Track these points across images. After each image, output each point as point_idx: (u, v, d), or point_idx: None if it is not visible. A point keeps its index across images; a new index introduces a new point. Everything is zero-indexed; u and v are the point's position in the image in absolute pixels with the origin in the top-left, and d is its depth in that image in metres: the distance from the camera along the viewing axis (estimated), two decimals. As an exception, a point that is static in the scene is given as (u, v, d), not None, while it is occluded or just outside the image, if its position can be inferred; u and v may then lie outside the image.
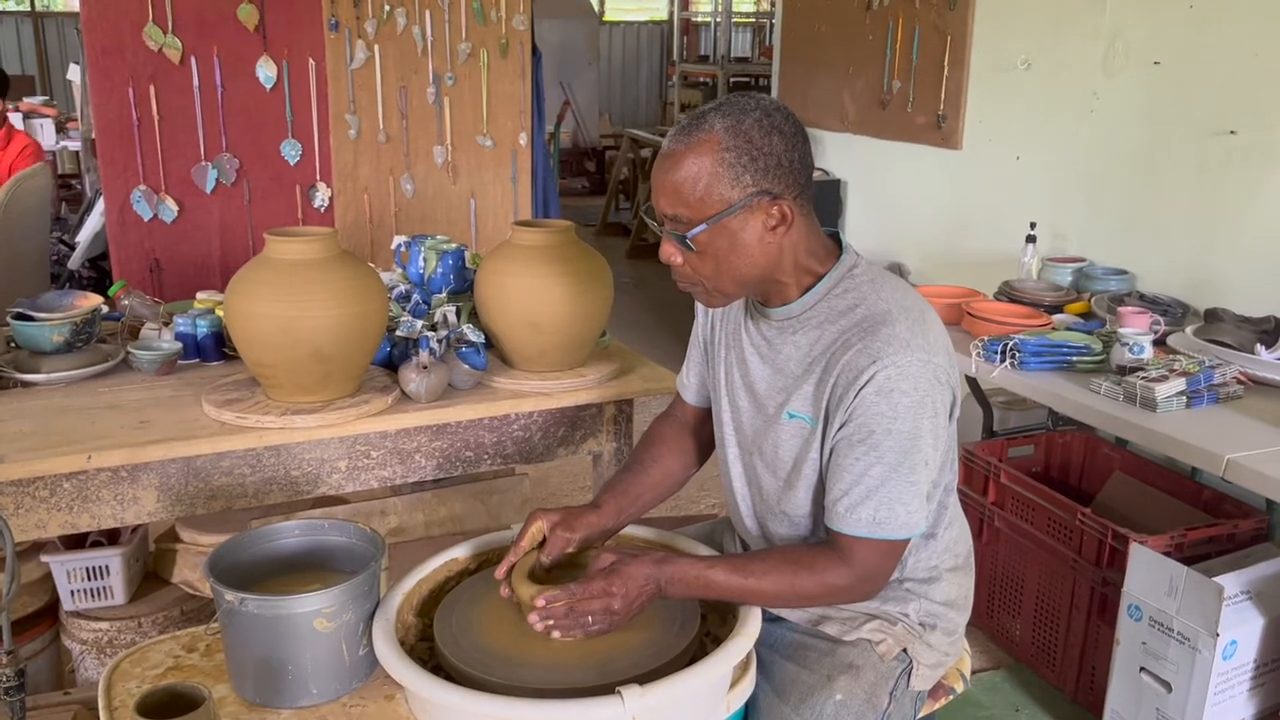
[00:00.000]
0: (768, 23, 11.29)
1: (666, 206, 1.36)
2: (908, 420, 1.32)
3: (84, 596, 2.18)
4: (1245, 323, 2.52)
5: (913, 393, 1.32)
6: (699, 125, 1.33)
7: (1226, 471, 1.94)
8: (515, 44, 3.52)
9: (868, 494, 1.34)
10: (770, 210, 1.35)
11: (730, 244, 1.35)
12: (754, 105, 1.34)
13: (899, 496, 1.34)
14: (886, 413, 1.32)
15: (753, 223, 1.35)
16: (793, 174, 1.35)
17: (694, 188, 1.33)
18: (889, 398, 1.32)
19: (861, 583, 1.38)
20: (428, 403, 1.95)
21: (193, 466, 1.82)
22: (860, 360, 1.33)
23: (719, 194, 1.32)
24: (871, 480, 1.34)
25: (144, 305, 2.28)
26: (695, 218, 1.34)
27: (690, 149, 1.32)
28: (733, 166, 1.32)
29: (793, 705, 1.40)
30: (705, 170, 1.32)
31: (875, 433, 1.33)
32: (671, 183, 1.34)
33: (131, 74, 3.07)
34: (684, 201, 1.34)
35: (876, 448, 1.33)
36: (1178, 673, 2.03)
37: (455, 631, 1.32)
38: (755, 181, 1.33)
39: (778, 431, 1.45)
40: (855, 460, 1.35)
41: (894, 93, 4.10)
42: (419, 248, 2.31)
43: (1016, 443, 2.82)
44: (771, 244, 1.37)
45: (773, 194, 1.34)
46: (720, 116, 1.33)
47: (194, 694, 1.10)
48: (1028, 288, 2.93)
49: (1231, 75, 2.75)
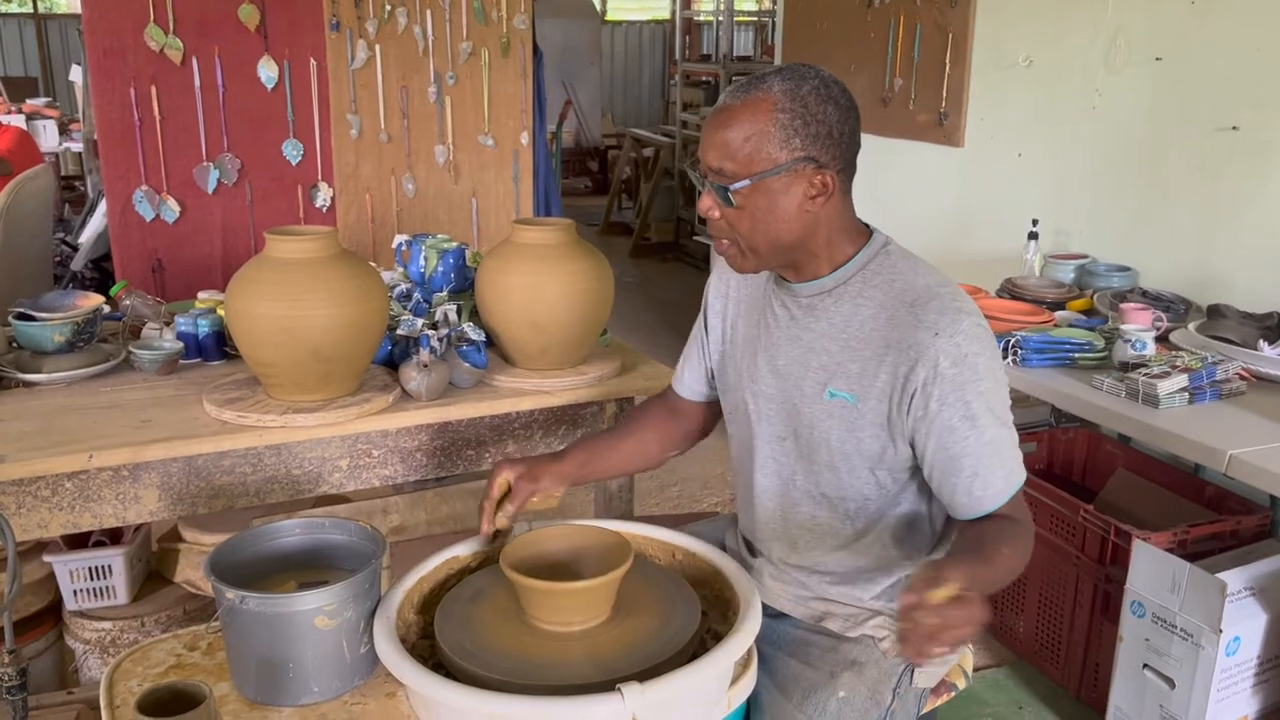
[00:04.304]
0: (770, 21, 11.27)
1: (713, 159, 1.36)
2: (989, 377, 1.35)
3: (87, 596, 2.18)
4: (1248, 319, 2.51)
5: (982, 351, 1.35)
6: (758, 85, 1.34)
7: (1229, 468, 1.93)
8: (516, 43, 3.52)
9: (990, 464, 1.35)
10: (814, 178, 1.35)
11: (770, 204, 1.35)
12: (813, 74, 1.35)
13: (1009, 448, 1.37)
14: (970, 379, 1.33)
15: (795, 188, 1.35)
16: (840, 146, 1.35)
17: (743, 143, 1.33)
18: (967, 363, 1.33)
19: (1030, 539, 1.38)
20: (429, 401, 1.95)
21: (194, 466, 1.82)
22: (923, 339, 1.34)
23: (766, 153, 1.33)
24: (988, 449, 1.35)
25: (145, 305, 2.29)
26: (740, 173, 1.34)
27: (746, 106, 1.33)
28: (785, 128, 1.32)
29: (796, 702, 1.40)
30: (757, 128, 1.32)
31: (970, 403, 1.33)
32: (722, 137, 1.34)
33: (133, 75, 3.07)
34: (731, 156, 1.34)
35: (977, 418, 1.34)
36: (1181, 669, 2.03)
37: (456, 629, 1.31)
38: (804, 146, 1.33)
39: (816, 412, 1.43)
40: (964, 440, 1.34)
41: (896, 90, 4.09)
42: (420, 247, 2.31)
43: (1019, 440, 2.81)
44: (809, 213, 1.37)
45: (819, 162, 1.34)
46: (780, 80, 1.33)
47: (195, 692, 1.10)
48: (1030, 284, 2.93)
49: (1234, 70, 2.75)
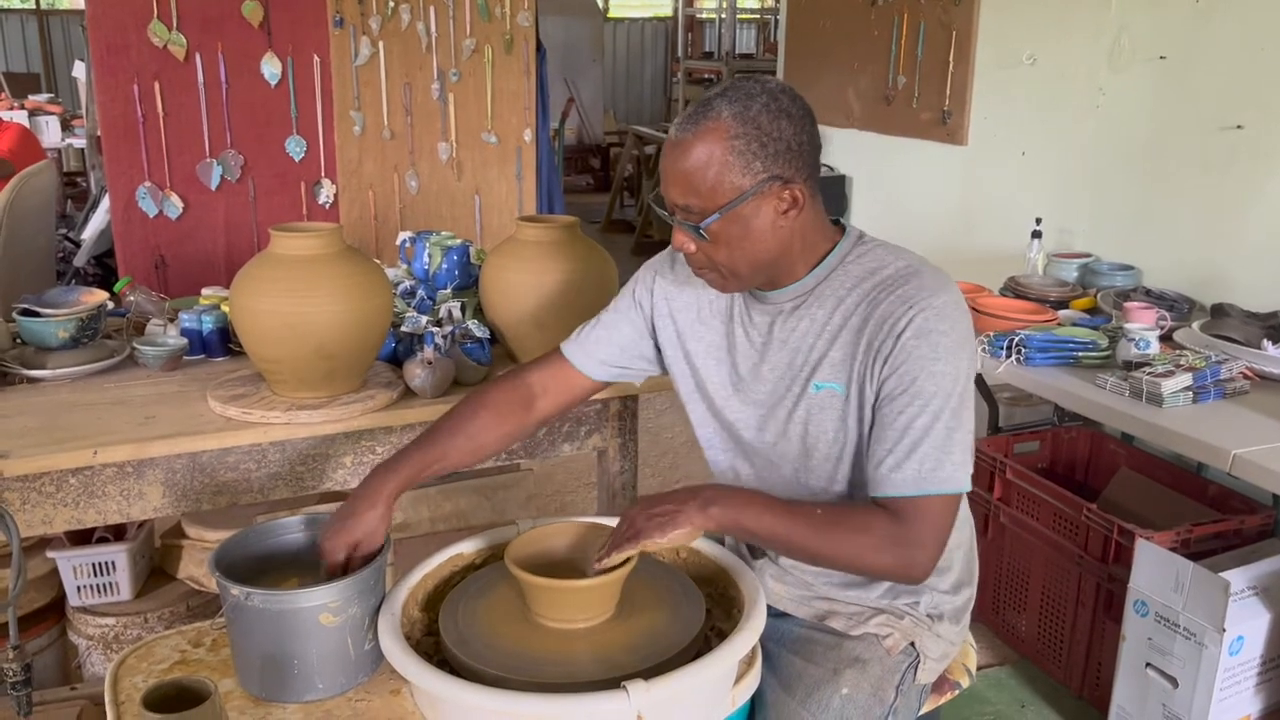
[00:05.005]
0: (772, 19, 11.25)
1: (677, 196, 1.34)
2: (950, 361, 1.29)
3: (90, 592, 2.18)
4: (1252, 318, 2.51)
5: (952, 333, 1.30)
6: (706, 113, 1.30)
7: (1233, 467, 1.93)
8: (520, 40, 3.52)
9: (913, 447, 1.29)
10: (782, 195, 1.33)
11: (744, 231, 1.33)
12: (760, 90, 1.32)
13: (944, 446, 1.28)
14: (928, 355, 1.29)
15: (765, 208, 1.33)
16: (802, 157, 1.33)
17: (704, 177, 1.30)
18: (928, 339, 1.29)
19: (909, 550, 1.29)
20: (432, 398, 1.95)
21: (198, 462, 1.82)
22: (895, 310, 1.31)
23: (730, 182, 1.30)
24: (916, 432, 1.29)
25: (149, 301, 2.28)
26: (707, 207, 1.32)
27: (699, 137, 1.30)
28: (743, 154, 1.29)
29: (799, 699, 1.40)
30: (715, 159, 1.29)
31: (918, 379, 1.29)
32: (681, 172, 1.32)
33: (136, 71, 3.08)
34: (695, 191, 1.31)
35: (920, 394, 1.29)
36: (1184, 669, 2.03)
37: (460, 626, 1.32)
38: (766, 168, 1.31)
39: (808, 407, 1.41)
40: (898, 414, 1.30)
41: (899, 88, 4.09)
42: (424, 244, 2.31)
43: (1022, 438, 2.82)
44: (784, 228, 1.35)
45: (784, 179, 1.32)
46: (727, 103, 1.30)
47: (200, 688, 1.10)
48: (1033, 283, 2.93)
49: (1237, 70, 2.75)
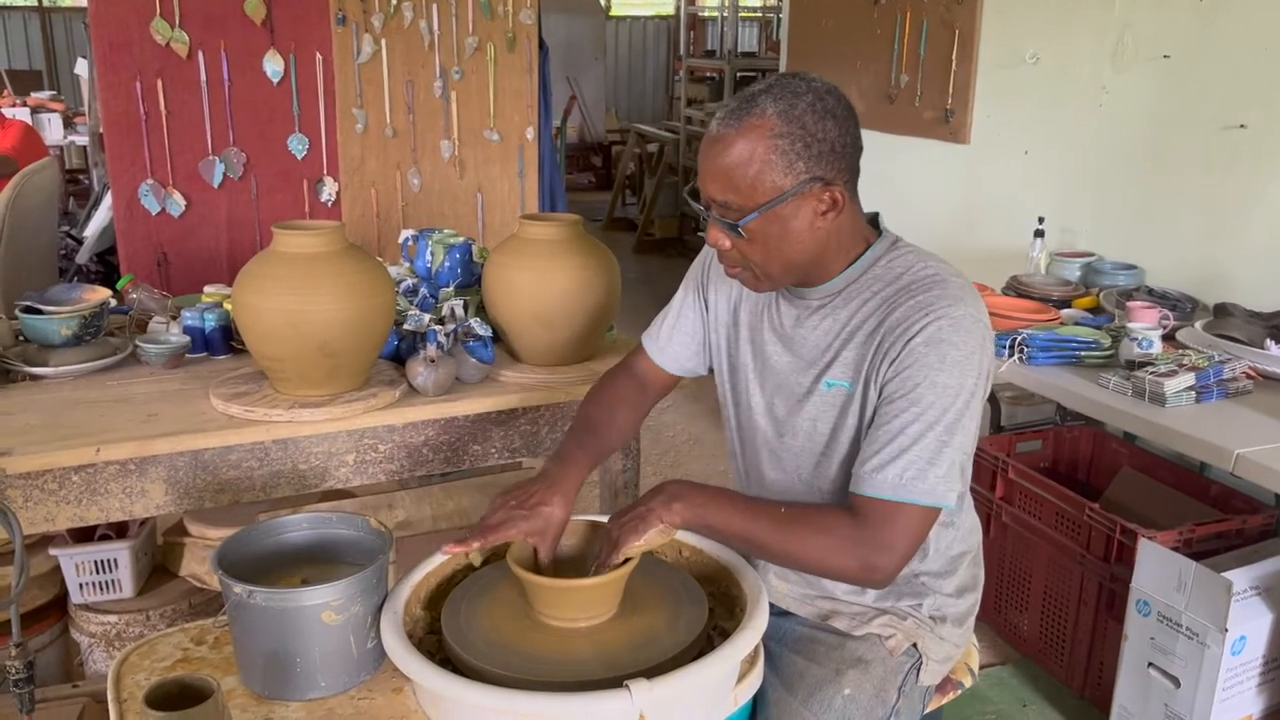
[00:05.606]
0: (774, 17, 11.24)
1: (715, 192, 1.31)
2: (954, 374, 1.27)
3: (92, 589, 2.18)
4: (1255, 318, 2.51)
5: (963, 346, 1.27)
6: (750, 109, 1.28)
7: (1235, 467, 1.93)
8: (522, 38, 3.52)
9: (899, 451, 1.27)
10: (822, 196, 1.30)
11: (781, 231, 1.31)
12: (806, 88, 1.29)
13: (931, 457, 1.26)
14: (934, 364, 1.27)
15: (804, 209, 1.31)
16: (844, 159, 1.31)
17: (745, 175, 1.27)
18: (937, 349, 1.27)
19: (874, 553, 1.25)
20: (435, 396, 1.95)
21: (200, 460, 1.82)
22: (911, 315, 1.29)
23: (771, 181, 1.27)
24: (906, 438, 1.26)
25: (152, 299, 2.29)
26: (746, 205, 1.29)
27: (741, 134, 1.27)
28: (786, 154, 1.27)
29: (801, 699, 1.40)
30: (757, 157, 1.27)
31: (919, 385, 1.27)
32: (721, 168, 1.29)
33: (139, 68, 3.08)
34: (734, 188, 1.29)
35: (918, 401, 1.27)
36: (1186, 668, 2.03)
37: (462, 624, 1.32)
38: (809, 169, 1.28)
39: (819, 404, 1.40)
40: (893, 417, 1.28)
41: (901, 87, 4.08)
42: (426, 242, 2.31)
43: (1024, 438, 2.82)
44: (821, 229, 1.33)
45: (825, 180, 1.30)
46: (772, 100, 1.27)
47: (203, 686, 1.10)
48: (1036, 282, 2.92)
49: (1241, 69, 2.74)
